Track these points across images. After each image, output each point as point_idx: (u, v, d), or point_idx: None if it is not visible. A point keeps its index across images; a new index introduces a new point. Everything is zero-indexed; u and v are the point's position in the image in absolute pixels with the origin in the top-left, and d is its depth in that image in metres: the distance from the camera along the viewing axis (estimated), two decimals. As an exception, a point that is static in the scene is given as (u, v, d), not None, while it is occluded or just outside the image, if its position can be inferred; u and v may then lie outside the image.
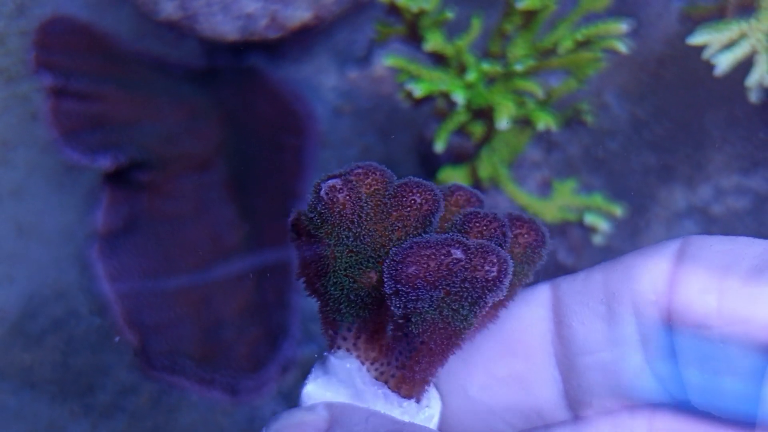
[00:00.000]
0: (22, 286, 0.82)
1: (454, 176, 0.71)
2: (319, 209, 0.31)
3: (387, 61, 0.69)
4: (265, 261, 0.82)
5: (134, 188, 0.80)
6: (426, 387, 0.33)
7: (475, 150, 0.74)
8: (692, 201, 0.89)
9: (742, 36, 0.72)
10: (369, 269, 0.31)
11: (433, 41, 0.67)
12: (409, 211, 0.31)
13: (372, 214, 0.31)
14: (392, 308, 0.30)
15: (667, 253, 0.31)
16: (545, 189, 0.82)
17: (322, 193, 0.30)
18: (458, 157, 0.78)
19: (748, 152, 0.90)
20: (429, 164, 0.81)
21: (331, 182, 0.30)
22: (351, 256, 0.31)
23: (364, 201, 0.31)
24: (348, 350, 0.32)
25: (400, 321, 0.31)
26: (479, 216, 0.31)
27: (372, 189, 0.32)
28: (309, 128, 0.87)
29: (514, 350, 0.31)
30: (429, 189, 0.31)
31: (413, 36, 0.70)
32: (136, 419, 0.79)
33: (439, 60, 0.70)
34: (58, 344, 0.81)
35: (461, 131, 0.73)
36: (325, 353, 0.33)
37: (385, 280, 0.29)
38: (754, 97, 0.78)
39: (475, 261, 0.29)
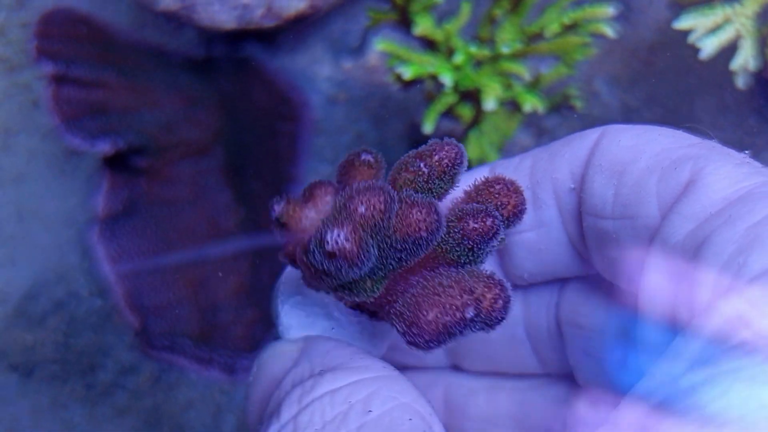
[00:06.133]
0: (24, 268, 0.84)
1: (443, 158, 0.73)
2: (323, 263, 0.29)
3: (378, 45, 0.70)
4: (260, 244, 0.83)
5: (133, 173, 0.82)
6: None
7: (464, 134, 0.76)
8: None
9: (727, 20, 0.73)
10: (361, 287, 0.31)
11: (423, 25, 0.69)
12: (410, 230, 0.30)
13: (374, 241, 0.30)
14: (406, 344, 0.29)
15: (585, 144, 0.32)
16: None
17: (329, 248, 0.29)
18: (450, 141, 0.79)
19: (738, 138, 0.91)
20: (421, 149, 0.83)
21: (336, 235, 0.29)
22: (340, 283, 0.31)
23: (367, 248, 0.29)
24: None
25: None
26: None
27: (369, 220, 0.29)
28: (303, 115, 0.89)
29: None
30: (431, 211, 0.30)
31: (404, 21, 0.71)
32: (136, 397, 0.81)
33: (429, 45, 0.72)
34: (60, 325, 0.83)
35: (451, 115, 0.74)
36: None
37: (397, 324, 0.29)
38: (741, 83, 0.79)
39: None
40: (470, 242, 0.30)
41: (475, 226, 0.30)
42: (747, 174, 0.27)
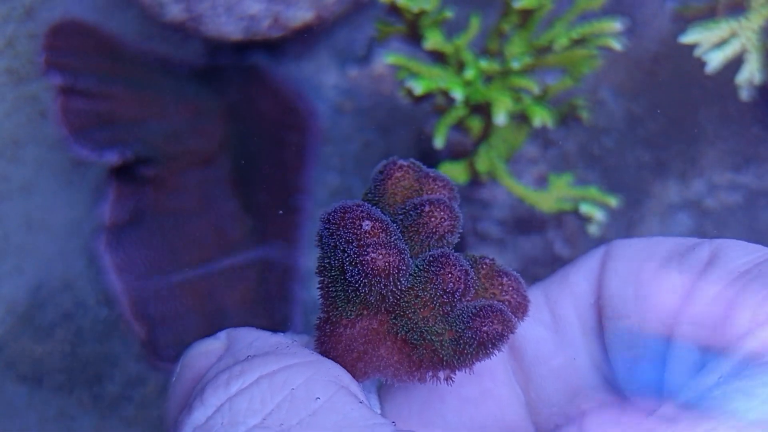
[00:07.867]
0: (32, 278, 0.84)
1: (453, 171, 0.73)
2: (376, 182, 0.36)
3: (388, 59, 0.71)
4: (267, 254, 0.83)
5: (140, 183, 0.82)
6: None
7: (473, 147, 0.76)
8: (686, 195, 0.90)
9: (733, 35, 0.74)
10: None
11: (433, 40, 0.69)
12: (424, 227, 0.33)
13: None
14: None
15: (595, 257, 0.33)
16: (542, 184, 0.83)
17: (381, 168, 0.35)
18: (457, 154, 0.79)
19: (741, 148, 0.92)
20: (428, 160, 0.83)
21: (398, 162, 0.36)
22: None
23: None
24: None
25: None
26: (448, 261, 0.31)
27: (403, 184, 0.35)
28: (310, 125, 0.89)
29: (477, 368, 0.31)
30: (450, 210, 0.33)
31: (413, 35, 0.72)
32: (143, 408, 0.81)
33: (438, 58, 0.72)
34: (67, 335, 0.83)
35: (460, 128, 0.75)
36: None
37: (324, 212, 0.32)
38: (745, 95, 0.80)
39: (368, 245, 0.30)
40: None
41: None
42: (762, 247, 0.29)
